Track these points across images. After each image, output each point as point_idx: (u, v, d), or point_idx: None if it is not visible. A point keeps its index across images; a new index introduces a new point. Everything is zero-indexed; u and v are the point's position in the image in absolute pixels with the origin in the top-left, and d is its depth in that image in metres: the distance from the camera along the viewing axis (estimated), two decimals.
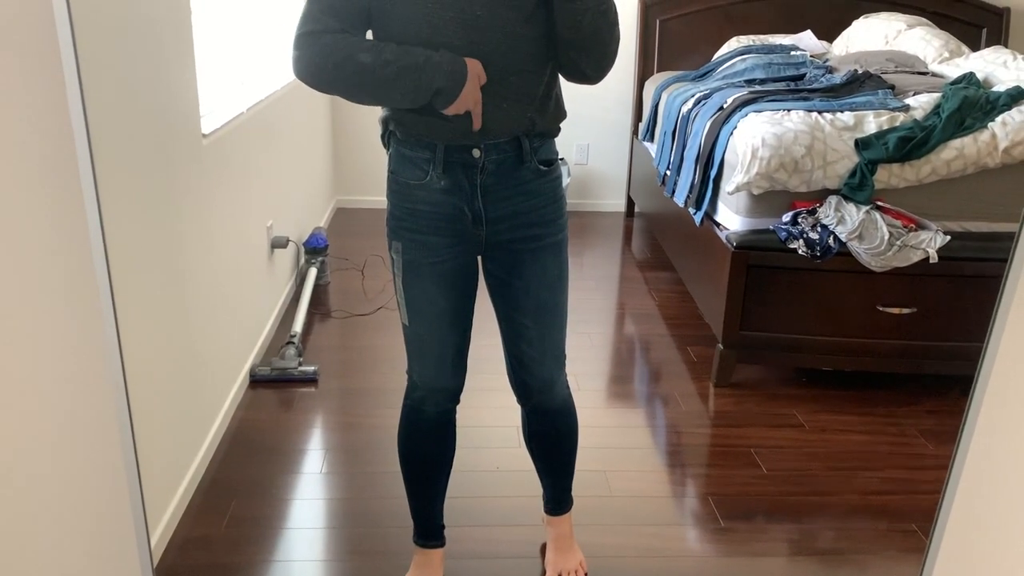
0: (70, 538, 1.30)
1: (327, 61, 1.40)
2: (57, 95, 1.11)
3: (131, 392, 1.76)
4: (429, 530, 1.83)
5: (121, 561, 1.35)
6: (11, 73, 1.09)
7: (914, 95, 2.83)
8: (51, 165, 1.13)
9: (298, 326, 2.98)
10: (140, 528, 1.29)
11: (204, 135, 2.26)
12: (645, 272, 3.84)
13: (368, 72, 1.39)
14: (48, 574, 1.28)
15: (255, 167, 2.82)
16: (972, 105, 2.63)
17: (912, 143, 2.53)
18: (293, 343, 2.85)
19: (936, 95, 2.75)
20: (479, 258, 1.63)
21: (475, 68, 1.41)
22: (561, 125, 1.59)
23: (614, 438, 2.46)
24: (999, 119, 2.59)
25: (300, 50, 1.42)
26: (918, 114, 2.66)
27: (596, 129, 4.64)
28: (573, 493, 1.92)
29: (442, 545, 1.85)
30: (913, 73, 3.19)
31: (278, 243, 3.08)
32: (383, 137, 1.59)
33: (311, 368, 2.76)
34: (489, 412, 2.52)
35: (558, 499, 1.91)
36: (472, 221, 1.55)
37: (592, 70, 1.48)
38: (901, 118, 2.64)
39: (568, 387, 1.78)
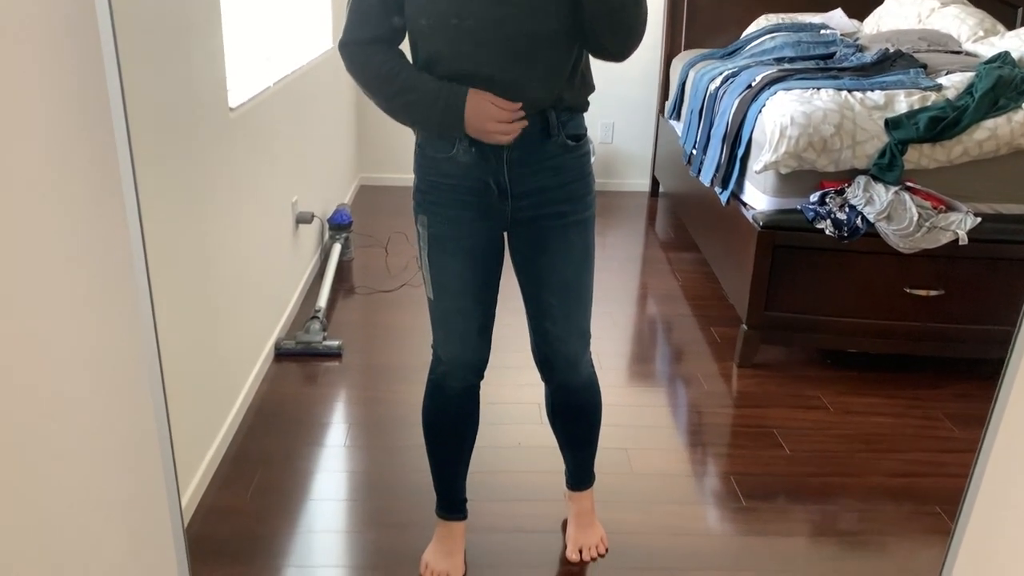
0: (104, 503, 1.32)
1: (359, 78, 1.50)
2: (95, 68, 1.11)
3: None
4: (452, 503, 1.84)
5: (154, 527, 1.37)
6: (55, 49, 1.10)
7: (947, 74, 2.78)
8: (88, 139, 1.14)
9: (322, 301, 2.99)
10: (172, 496, 1.31)
11: (231, 109, 2.27)
12: (669, 252, 3.82)
13: (387, 101, 1.49)
14: (83, 538, 1.30)
15: (281, 142, 2.83)
16: (1007, 85, 2.58)
17: (944, 123, 2.49)
18: (318, 318, 2.87)
19: (969, 74, 2.70)
20: (505, 234, 1.63)
21: (476, 100, 1.42)
22: (591, 99, 1.58)
23: (636, 417, 2.46)
24: None
25: (343, 59, 1.50)
26: (950, 93, 2.62)
27: (621, 107, 4.60)
28: (595, 471, 1.92)
29: (464, 518, 1.86)
30: (946, 52, 3.13)
31: (303, 219, 3.09)
32: None
33: (335, 343, 2.77)
34: (511, 389, 2.53)
35: (580, 475, 1.91)
36: (498, 195, 1.54)
37: (617, 47, 1.45)
38: (933, 97, 2.60)
39: (592, 365, 1.78)
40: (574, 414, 1.83)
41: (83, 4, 1.09)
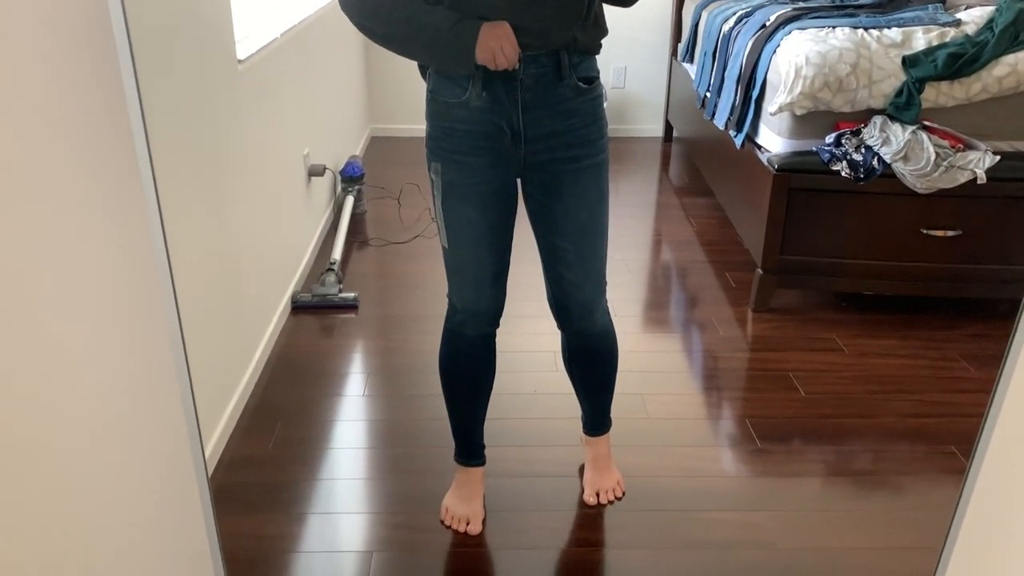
0: (128, 456, 1.35)
1: (368, 24, 1.46)
2: (103, 26, 1.11)
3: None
4: (470, 449, 1.87)
5: (179, 477, 1.40)
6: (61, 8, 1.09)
7: (966, 9, 2.71)
8: (99, 94, 1.14)
9: (337, 253, 3.00)
10: (196, 446, 1.33)
11: (240, 61, 2.25)
12: (683, 198, 3.80)
13: (400, 37, 1.46)
14: (111, 499, 1.33)
15: (291, 94, 2.82)
16: None
17: (963, 60, 2.44)
18: (333, 270, 2.88)
19: (990, 9, 2.64)
20: (519, 181, 1.62)
21: (492, 27, 1.40)
22: (603, 43, 1.56)
23: (652, 362, 2.48)
24: None
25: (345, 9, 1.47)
26: (970, 29, 2.56)
27: (633, 51, 4.54)
28: (611, 416, 1.94)
29: (483, 464, 1.89)
30: None
31: (315, 171, 3.08)
32: (422, 67, 1.57)
33: (351, 295, 2.79)
34: (526, 338, 2.54)
35: (597, 421, 1.93)
36: (511, 139, 1.53)
37: None
38: (952, 33, 2.54)
39: (608, 312, 1.78)
40: (590, 360, 1.84)
41: None
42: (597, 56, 1.56)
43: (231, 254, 2.19)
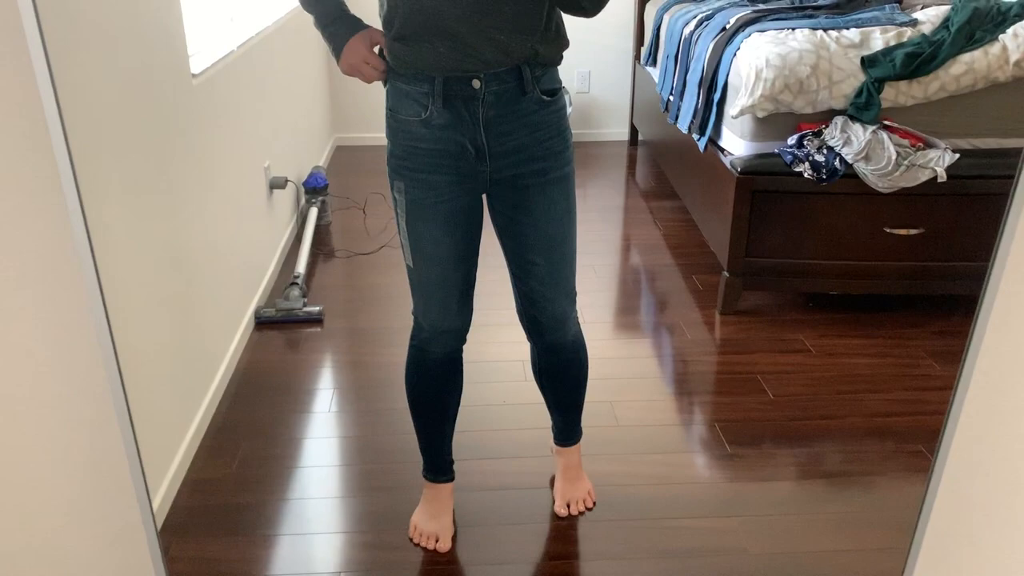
0: (66, 495, 1.30)
1: None
2: (15, 40, 1.07)
3: (131, 341, 1.76)
4: (438, 466, 1.84)
5: (122, 513, 1.36)
6: None
7: (922, 8, 2.74)
8: (15, 113, 1.10)
9: (301, 267, 2.97)
10: (138, 479, 1.29)
11: (194, 75, 2.21)
12: (650, 201, 3.80)
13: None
14: (49, 538, 1.29)
15: (249, 107, 2.78)
16: (983, 17, 2.55)
17: (920, 59, 2.46)
18: (297, 284, 2.84)
19: (945, 8, 2.66)
20: (484, 196, 1.60)
21: (356, 44, 1.51)
22: (564, 54, 1.54)
23: (620, 368, 2.46)
24: (1010, 31, 2.51)
25: None
26: (926, 28, 2.58)
27: (597, 56, 4.54)
28: (582, 425, 1.92)
29: (451, 480, 1.86)
30: None
31: (276, 184, 3.04)
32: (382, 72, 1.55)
33: (316, 308, 2.75)
34: (495, 347, 2.52)
35: (568, 431, 1.91)
36: (475, 157, 1.51)
37: (588, 1, 1.39)
38: (909, 33, 2.56)
39: (578, 322, 1.77)
40: (562, 373, 1.82)
41: None
42: (558, 66, 1.55)
43: (189, 271, 2.15)
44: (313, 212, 3.37)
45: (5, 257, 1.17)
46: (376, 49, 1.54)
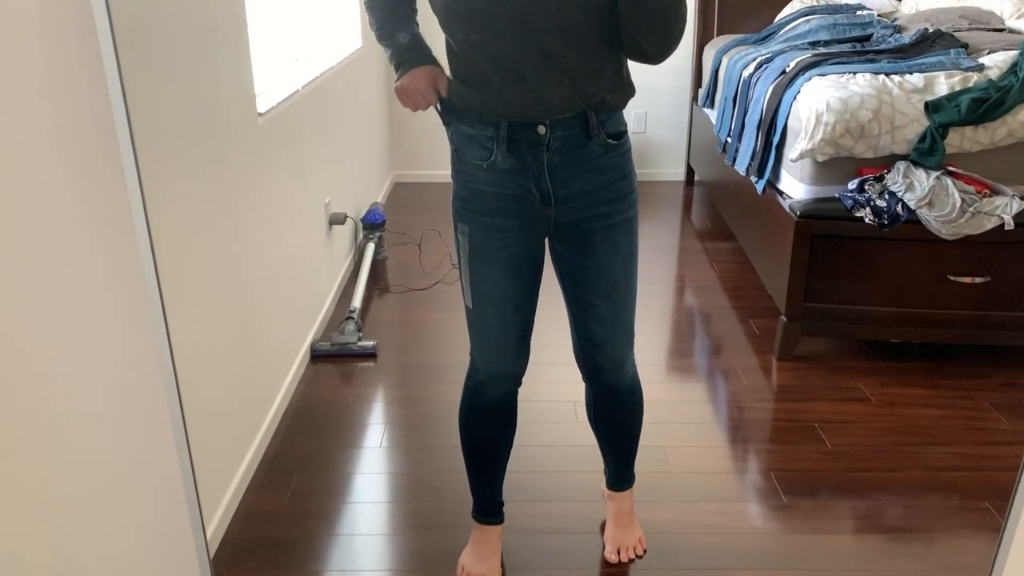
0: (124, 522, 1.33)
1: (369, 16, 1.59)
2: (96, 80, 1.11)
3: (190, 372, 1.80)
4: (489, 507, 1.83)
5: (177, 542, 1.38)
6: (43, 57, 1.10)
7: (989, 53, 2.69)
8: (92, 148, 1.14)
9: (357, 301, 3.00)
10: (194, 511, 1.31)
11: (260, 114, 2.27)
12: (705, 242, 3.77)
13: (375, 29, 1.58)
14: (103, 561, 1.31)
15: (312, 144, 2.84)
16: None
17: (986, 104, 2.41)
18: (352, 318, 2.88)
19: (1013, 53, 2.61)
20: (546, 240, 1.60)
21: (421, 74, 1.51)
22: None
23: (674, 413, 2.43)
24: None
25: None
26: (993, 73, 2.53)
27: (654, 96, 4.55)
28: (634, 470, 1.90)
29: (501, 522, 1.85)
30: (988, 30, 3.04)
31: (336, 219, 3.10)
32: (442, 114, 1.56)
33: (370, 343, 2.78)
34: (545, 387, 2.51)
35: (621, 475, 1.89)
36: (540, 201, 1.51)
37: (653, 48, 1.38)
38: (975, 78, 2.52)
39: (635, 365, 1.75)
40: (618, 416, 1.80)
41: (80, 5, 1.09)
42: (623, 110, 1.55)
43: (250, 304, 2.19)
44: (370, 247, 3.42)
45: (77, 286, 1.21)
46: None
